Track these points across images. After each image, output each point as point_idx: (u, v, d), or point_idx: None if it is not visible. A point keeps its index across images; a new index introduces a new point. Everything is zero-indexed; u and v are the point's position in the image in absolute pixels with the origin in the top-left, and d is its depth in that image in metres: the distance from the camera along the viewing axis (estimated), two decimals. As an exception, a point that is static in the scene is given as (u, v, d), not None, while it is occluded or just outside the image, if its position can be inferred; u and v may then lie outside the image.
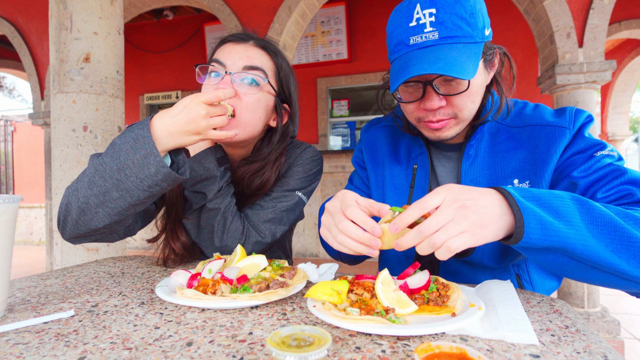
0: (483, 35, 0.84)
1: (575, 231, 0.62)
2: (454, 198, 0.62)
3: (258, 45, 1.07)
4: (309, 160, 1.17)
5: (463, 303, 0.65)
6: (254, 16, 4.31)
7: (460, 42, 0.81)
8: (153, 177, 0.82)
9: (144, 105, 7.79)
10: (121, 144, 0.83)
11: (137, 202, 0.85)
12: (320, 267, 0.90)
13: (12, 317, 0.68)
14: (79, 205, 0.85)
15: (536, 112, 0.96)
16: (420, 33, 0.82)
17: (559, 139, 0.88)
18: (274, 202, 1.10)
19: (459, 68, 0.77)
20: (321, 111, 6.93)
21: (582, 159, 0.85)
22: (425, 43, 0.82)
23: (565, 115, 0.90)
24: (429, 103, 0.86)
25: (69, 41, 2.12)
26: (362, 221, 0.68)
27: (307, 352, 0.38)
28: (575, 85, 3.38)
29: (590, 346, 0.54)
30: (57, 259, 2.25)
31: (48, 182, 5.28)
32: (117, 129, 2.28)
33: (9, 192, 9.48)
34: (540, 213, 0.62)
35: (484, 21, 0.85)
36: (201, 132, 0.87)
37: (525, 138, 0.93)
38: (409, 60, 0.82)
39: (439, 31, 0.80)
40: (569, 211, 0.63)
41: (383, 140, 1.15)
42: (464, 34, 0.81)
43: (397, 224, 0.63)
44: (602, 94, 8.27)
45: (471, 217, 0.60)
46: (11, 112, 14.72)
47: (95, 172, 0.84)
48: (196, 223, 1.06)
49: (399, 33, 0.85)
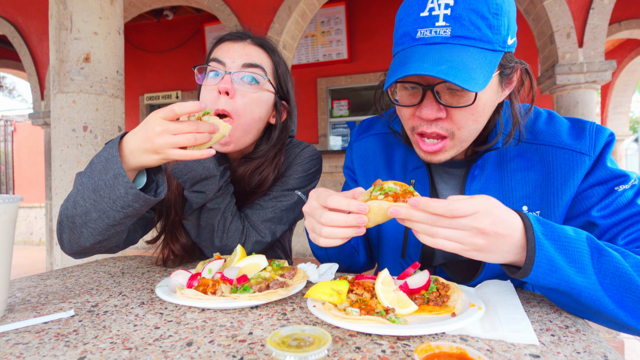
0: (505, 43, 0.72)
1: (585, 279, 0.60)
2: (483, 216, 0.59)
3: (256, 44, 1.08)
4: (308, 159, 1.17)
5: (463, 303, 0.65)
6: (254, 16, 4.31)
7: (475, 45, 0.69)
8: (124, 198, 0.80)
9: (144, 105, 7.79)
10: (96, 163, 0.82)
11: (114, 223, 0.84)
12: (320, 267, 0.90)
13: (12, 317, 0.68)
14: (67, 224, 0.87)
15: (551, 128, 0.84)
16: (431, 26, 0.70)
17: (577, 167, 0.78)
18: (274, 202, 1.10)
19: (466, 76, 0.66)
20: (321, 111, 6.93)
21: (602, 192, 0.77)
22: (434, 39, 0.70)
23: (585, 136, 0.80)
24: (426, 111, 0.75)
25: (69, 41, 2.12)
26: (346, 204, 0.65)
27: (307, 352, 0.38)
28: (575, 85, 3.38)
29: (590, 346, 0.54)
30: (57, 259, 2.26)
31: (48, 182, 5.28)
32: (117, 129, 2.28)
33: (9, 192, 9.49)
34: (553, 255, 0.60)
35: (510, 27, 0.73)
36: (159, 151, 0.78)
37: (538, 158, 0.83)
38: (410, 56, 0.71)
39: (452, 27, 0.69)
40: (583, 257, 0.61)
41: (376, 151, 1.03)
42: (482, 36, 0.69)
43: (419, 203, 0.60)
44: (602, 94, 8.27)
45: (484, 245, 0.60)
46: (11, 112, 14.72)
47: (77, 192, 0.84)
48: (196, 223, 1.06)
49: (407, 22, 0.74)
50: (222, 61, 1.02)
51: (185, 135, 0.77)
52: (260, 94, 1.04)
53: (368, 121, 1.10)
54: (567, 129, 0.83)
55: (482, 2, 0.69)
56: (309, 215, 0.71)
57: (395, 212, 0.62)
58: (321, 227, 0.67)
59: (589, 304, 0.62)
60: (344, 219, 0.65)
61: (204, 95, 1.03)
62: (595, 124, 0.81)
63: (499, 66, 0.75)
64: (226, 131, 0.81)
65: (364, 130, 1.09)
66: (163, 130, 0.76)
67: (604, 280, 0.61)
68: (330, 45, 6.65)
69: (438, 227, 0.60)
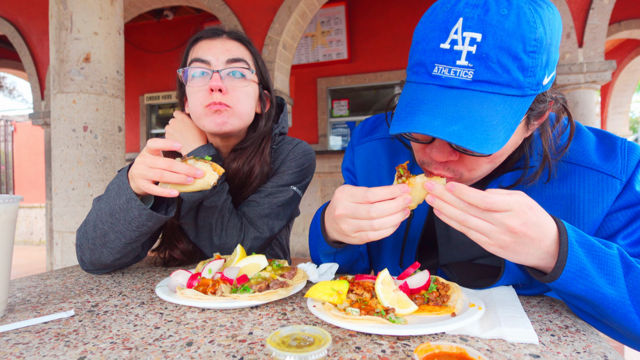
0: (539, 85, 0.61)
1: (616, 291, 0.59)
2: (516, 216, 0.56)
3: (233, 38, 1.08)
4: (301, 154, 1.18)
5: (463, 303, 0.65)
6: (254, 16, 4.31)
7: (501, 92, 0.59)
8: (138, 219, 0.88)
9: (144, 105, 7.79)
10: (111, 190, 0.90)
11: (131, 241, 0.91)
12: (320, 267, 0.90)
13: (12, 317, 0.68)
14: (88, 246, 0.93)
15: (578, 145, 0.76)
16: (450, 64, 0.60)
17: (607, 191, 0.72)
18: (270, 198, 1.11)
19: (483, 137, 0.58)
20: (321, 111, 6.93)
21: (628, 216, 0.73)
22: (452, 81, 0.60)
23: (617, 156, 0.73)
24: (436, 153, 0.68)
25: (69, 41, 2.12)
26: (390, 191, 0.65)
27: (307, 352, 0.38)
28: (575, 85, 3.39)
29: (590, 346, 0.54)
30: (57, 259, 2.26)
31: (48, 182, 5.28)
32: (117, 129, 2.28)
33: (9, 192, 9.49)
34: (585, 262, 0.59)
35: (549, 63, 0.61)
36: (133, 179, 0.84)
37: (563, 175, 0.75)
38: (422, 100, 0.62)
39: (476, 70, 0.58)
40: (615, 269, 0.60)
41: (380, 157, 0.97)
42: (511, 81, 0.59)
43: (456, 187, 0.59)
44: (602, 94, 8.27)
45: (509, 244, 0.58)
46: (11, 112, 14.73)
47: (96, 216, 0.92)
48: (194, 223, 1.06)
49: (425, 51, 0.63)
50: (205, 60, 1.02)
51: (154, 170, 0.81)
52: (249, 86, 1.07)
53: (371, 122, 1.03)
54: (595, 146, 0.76)
55: (518, 38, 0.57)
56: (347, 217, 0.68)
57: (431, 186, 0.62)
58: (371, 222, 0.65)
59: (614, 317, 0.61)
60: (394, 205, 0.65)
61: (193, 97, 1.03)
62: (627, 142, 0.74)
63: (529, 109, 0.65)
64: (212, 180, 0.83)
65: (367, 132, 1.02)
66: (139, 162, 0.83)
67: (632, 295, 0.60)
68: (330, 45, 6.65)
69: (469, 215, 0.59)
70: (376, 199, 0.65)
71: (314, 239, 0.92)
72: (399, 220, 0.66)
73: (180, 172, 0.80)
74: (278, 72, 4.29)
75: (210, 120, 1.01)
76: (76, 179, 2.16)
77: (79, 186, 2.17)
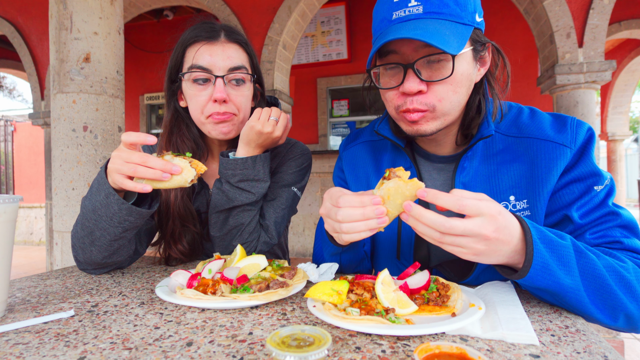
0: (473, 19, 0.79)
1: (572, 280, 0.65)
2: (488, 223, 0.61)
3: (231, 40, 1.08)
4: (299, 154, 1.20)
5: (463, 303, 0.65)
6: (254, 16, 4.31)
7: (446, 18, 0.76)
8: (118, 214, 0.86)
9: (144, 105, 7.79)
10: (93, 186, 0.89)
11: (116, 237, 0.90)
12: (320, 267, 0.90)
13: (12, 317, 0.68)
14: (79, 245, 0.93)
15: (534, 122, 0.89)
16: (404, 7, 0.77)
17: (559, 158, 0.83)
18: (276, 203, 1.13)
19: (441, 39, 0.72)
20: (321, 111, 6.93)
21: (580, 190, 0.82)
22: (408, 17, 0.77)
23: (567, 129, 0.85)
24: (408, 85, 0.79)
25: (69, 41, 2.12)
26: (359, 201, 0.68)
27: (307, 352, 0.38)
28: (575, 85, 3.38)
29: (590, 346, 0.54)
30: (57, 259, 2.26)
31: (48, 182, 5.28)
32: (117, 129, 2.28)
33: (9, 192, 9.49)
34: (548, 259, 0.64)
35: (475, 6, 0.81)
36: (110, 174, 0.83)
37: (523, 151, 0.87)
38: (389, 29, 0.78)
39: (424, 5, 0.76)
40: (570, 260, 0.66)
41: (364, 157, 1.06)
42: (451, 12, 0.76)
43: (428, 194, 0.63)
44: (602, 94, 8.27)
45: (484, 250, 0.62)
46: (11, 112, 14.72)
47: (82, 215, 0.91)
48: (224, 221, 1.06)
49: (383, 10, 0.81)
50: (207, 69, 1.03)
51: (129, 165, 0.79)
52: (248, 92, 1.10)
53: (355, 132, 1.14)
54: (550, 123, 0.88)
55: None
56: (325, 216, 0.74)
57: (409, 206, 0.64)
58: (340, 225, 0.69)
59: (571, 302, 0.67)
60: (360, 212, 0.68)
61: (194, 101, 1.04)
62: (576, 119, 0.86)
63: (471, 41, 0.81)
64: (189, 177, 0.81)
65: (351, 139, 1.12)
66: (115, 156, 0.82)
67: (584, 281, 0.66)
68: (330, 45, 6.64)
69: (444, 235, 0.62)
70: (344, 204, 0.69)
71: (319, 241, 0.98)
72: (368, 227, 0.68)
73: (155, 168, 0.78)
74: (278, 72, 4.28)
75: (216, 129, 1.05)
76: (76, 179, 2.16)
77: (79, 186, 2.17)
